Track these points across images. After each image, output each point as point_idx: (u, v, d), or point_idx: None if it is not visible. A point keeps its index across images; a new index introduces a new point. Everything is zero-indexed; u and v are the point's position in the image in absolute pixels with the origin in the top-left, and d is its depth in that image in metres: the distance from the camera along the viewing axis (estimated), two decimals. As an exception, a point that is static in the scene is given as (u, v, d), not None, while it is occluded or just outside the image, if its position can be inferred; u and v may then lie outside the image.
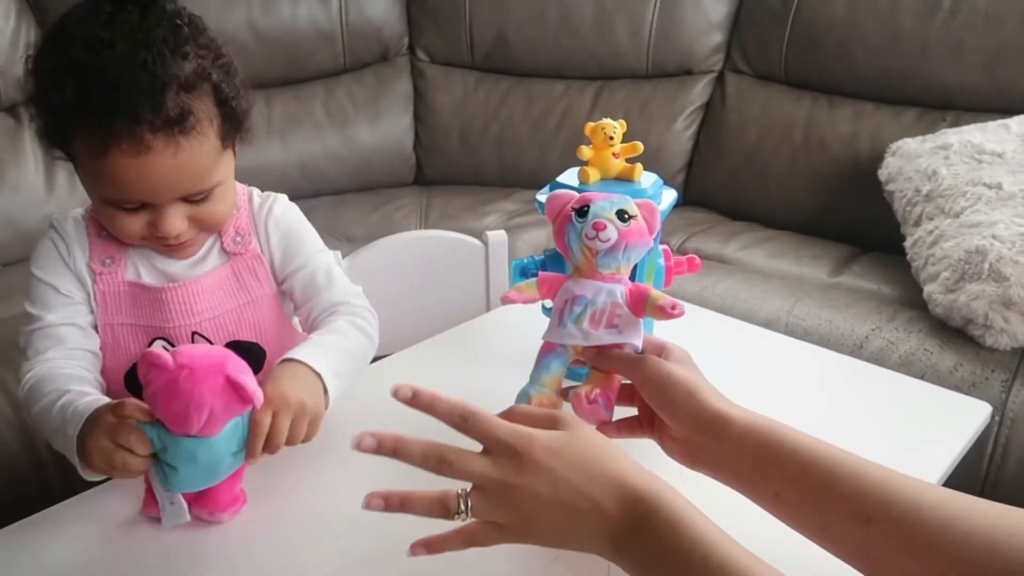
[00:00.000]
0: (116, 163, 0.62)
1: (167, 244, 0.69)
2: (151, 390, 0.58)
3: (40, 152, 1.65)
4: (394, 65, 2.04)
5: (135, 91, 0.61)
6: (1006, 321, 1.16)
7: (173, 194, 0.66)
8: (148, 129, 0.62)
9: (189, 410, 0.57)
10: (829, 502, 0.51)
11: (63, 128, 0.65)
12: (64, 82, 0.62)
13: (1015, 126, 1.43)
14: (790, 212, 1.76)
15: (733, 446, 0.55)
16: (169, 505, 0.62)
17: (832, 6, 1.73)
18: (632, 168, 0.80)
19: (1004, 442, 1.13)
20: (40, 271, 0.72)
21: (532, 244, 1.65)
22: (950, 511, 0.47)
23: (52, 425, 0.64)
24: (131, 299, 0.72)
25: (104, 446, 0.59)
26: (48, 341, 0.70)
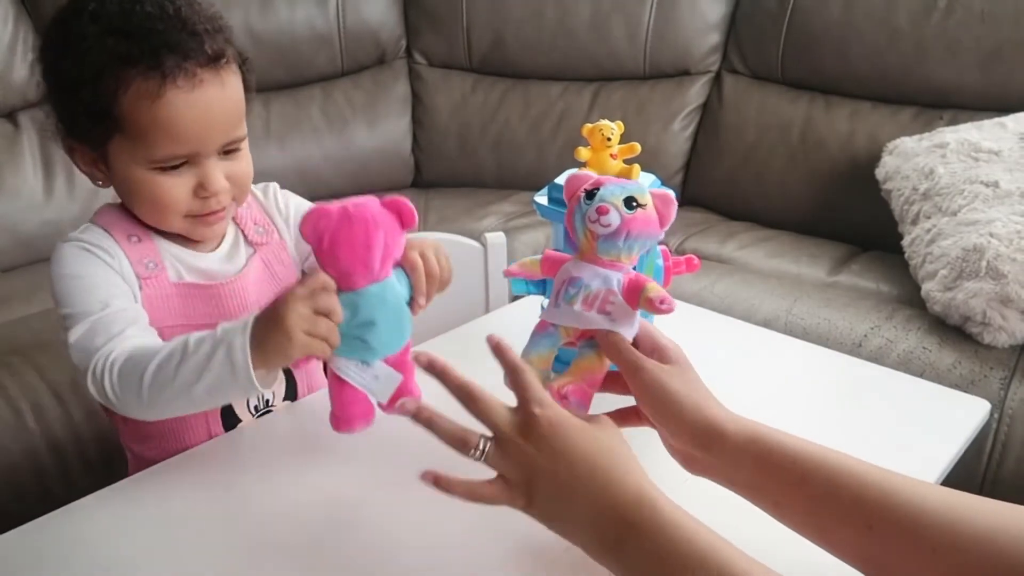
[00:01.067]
0: (173, 103, 0.64)
1: (209, 211, 0.70)
2: (328, 237, 0.61)
3: (39, 157, 1.66)
4: (391, 68, 2.04)
5: (176, 32, 0.64)
6: (1004, 318, 1.16)
7: (221, 137, 0.68)
8: (197, 64, 0.65)
9: (370, 231, 0.61)
10: (829, 511, 0.51)
11: (106, 88, 0.64)
12: (104, 40, 0.64)
13: (1011, 124, 1.43)
14: (788, 212, 1.76)
15: (729, 458, 0.55)
16: (374, 380, 0.65)
17: (828, 6, 1.74)
18: (630, 169, 0.81)
19: (1003, 439, 1.14)
20: (86, 272, 0.69)
21: (531, 246, 1.65)
22: (953, 514, 0.47)
23: (197, 355, 0.61)
24: (180, 300, 0.72)
25: (304, 313, 0.60)
26: (121, 322, 0.67)
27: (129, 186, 0.69)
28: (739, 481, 0.55)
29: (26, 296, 1.41)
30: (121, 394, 0.65)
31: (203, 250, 0.74)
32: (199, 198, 0.69)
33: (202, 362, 0.62)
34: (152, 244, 0.72)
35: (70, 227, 1.84)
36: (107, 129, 0.66)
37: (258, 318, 0.62)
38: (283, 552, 0.63)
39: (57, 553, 0.63)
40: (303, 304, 0.60)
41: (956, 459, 0.74)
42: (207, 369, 0.62)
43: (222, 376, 0.61)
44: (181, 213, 0.70)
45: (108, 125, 0.66)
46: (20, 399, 1.09)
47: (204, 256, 0.74)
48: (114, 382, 0.65)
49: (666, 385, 0.57)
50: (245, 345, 0.61)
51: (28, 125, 1.68)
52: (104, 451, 1.11)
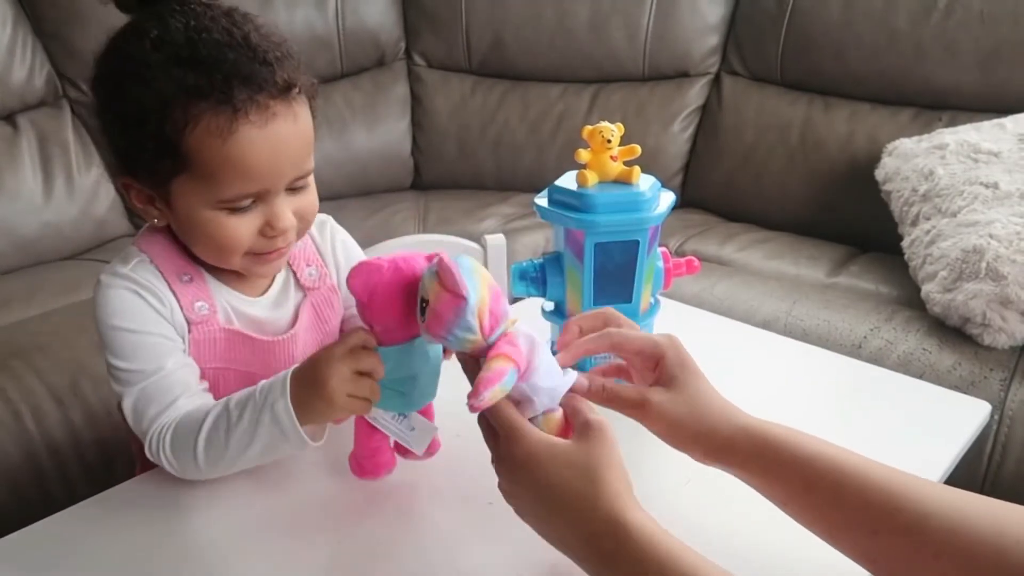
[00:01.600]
0: (245, 138, 0.60)
1: (272, 249, 0.66)
2: (381, 290, 0.60)
3: (38, 159, 1.66)
4: (391, 70, 2.04)
5: (246, 62, 0.60)
6: (1004, 320, 1.16)
7: (293, 171, 0.65)
8: (268, 96, 0.61)
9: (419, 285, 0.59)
10: (835, 516, 0.52)
11: (173, 124, 0.60)
12: (170, 70, 0.59)
13: (1011, 125, 1.43)
14: (788, 213, 1.76)
15: (738, 470, 0.56)
16: (411, 432, 0.65)
17: (827, 7, 1.74)
18: (630, 171, 0.80)
19: (1003, 441, 1.14)
20: (132, 324, 0.66)
21: (531, 247, 1.65)
22: (957, 516, 0.47)
23: (243, 422, 0.62)
24: (227, 344, 0.70)
25: (346, 375, 0.59)
26: (175, 388, 0.66)
27: (192, 226, 0.65)
28: (749, 482, 0.56)
29: (25, 299, 1.41)
30: (180, 466, 0.66)
31: (252, 294, 0.71)
32: (265, 237, 0.65)
33: (249, 428, 0.62)
34: (204, 284, 0.69)
35: (69, 229, 1.85)
36: (172, 167, 0.62)
37: (297, 377, 0.61)
38: (285, 557, 0.63)
39: (57, 556, 0.63)
40: (345, 365, 0.60)
41: (956, 461, 0.74)
42: (256, 435, 0.62)
43: (273, 439, 0.62)
44: (244, 251, 0.66)
45: (173, 163, 0.62)
46: (20, 402, 1.09)
47: (254, 302, 0.71)
48: (169, 457, 0.65)
49: (674, 415, 0.57)
50: (288, 408, 0.61)
51: (27, 127, 1.68)
52: (104, 454, 1.11)
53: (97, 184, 1.72)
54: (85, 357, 1.14)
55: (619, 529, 0.49)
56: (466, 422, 0.71)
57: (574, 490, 0.51)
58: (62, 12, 1.71)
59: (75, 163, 1.70)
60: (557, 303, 0.86)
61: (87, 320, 0.68)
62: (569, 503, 0.51)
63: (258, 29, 0.63)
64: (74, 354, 1.16)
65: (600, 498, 0.50)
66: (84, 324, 1.25)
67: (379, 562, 0.62)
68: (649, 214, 0.79)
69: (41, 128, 1.69)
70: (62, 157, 1.69)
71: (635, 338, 0.60)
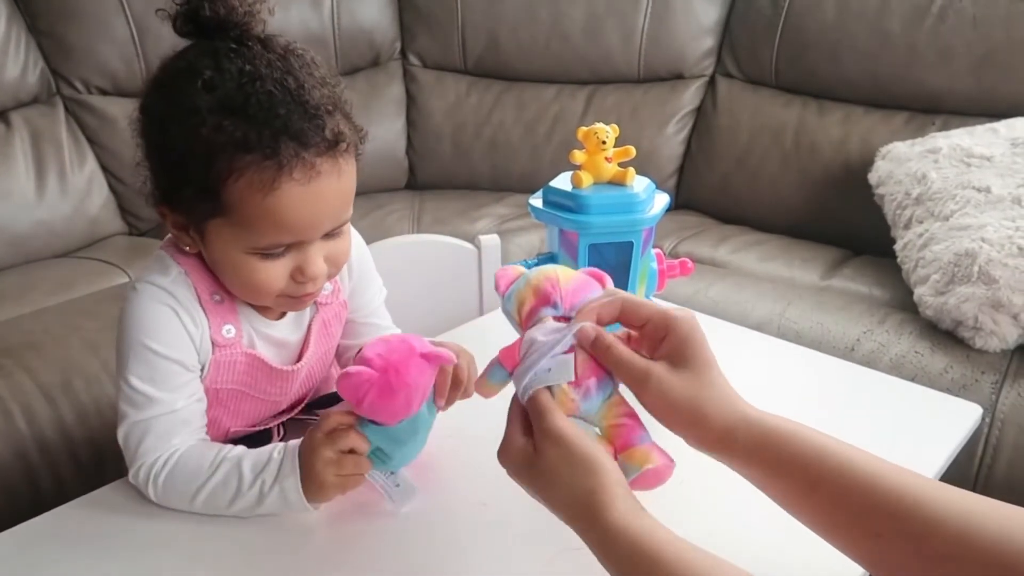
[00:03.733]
0: (287, 195, 0.59)
1: (304, 293, 0.66)
2: (368, 401, 0.61)
3: (31, 157, 1.65)
4: (386, 70, 2.04)
5: (296, 117, 0.59)
6: (996, 323, 1.17)
7: (331, 224, 0.64)
8: (315, 153, 0.60)
9: (411, 398, 0.62)
10: (838, 516, 0.50)
11: (217, 172, 0.59)
12: (220, 119, 0.58)
13: (1003, 130, 1.44)
14: (781, 215, 1.77)
15: (736, 462, 0.54)
16: (395, 488, 0.66)
17: (822, 11, 1.75)
18: (624, 172, 0.81)
19: (995, 443, 1.14)
20: (163, 346, 0.65)
21: (525, 248, 1.65)
22: (963, 521, 0.46)
23: (253, 490, 0.64)
24: (246, 369, 0.70)
25: (329, 458, 0.62)
26: (176, 427, 0.66)
27: (224, 266, 0.65)
28: (747, 476, 0.54)
29: (17, 297, 1.40)
30: (165, 502, 0.67)
31: (273, 316, 0.71)
32: (296, 282, 0.65)
33: (257, 496, 0.64)
34: (233, 306, 0.69)
35: (62, 227, 1.85)
36: (210, 210, 0.61)
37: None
38: (276, 554, 0.63)
39: (47, 555, 0.63)
40: (326, 448, 0.62)
41: (948, 463, 0.74)
42: (263, 502, 0.64)
43: (278, 506, 0.65)
44: (275, 295, 0.66)
45: (212, 207, 0.61)
46: (10, 401, 1.08)
47: (275, 324, 0.71)
48: (158, 492, 0.66)
49: (672, 394, 0.54)
50: (298, 487, 0.63)
51: (20, 125, 1.67)
52: (95, 453, 1.10)
53: (90, 182, 1.72)
54: (77, 355, 1.14)
55: (601, 531, 0.49)
56: (459, 423, 0.71)
57: (555, 499, 0.52)
58: (56, 9, 1.70)
59: (68, 161, 1.70)
60: (551, 304, 0.86)
61: (79, 318, 0.68)
62: (557, 509, 0.52)
63: (313, 75, 0.62)
64: (66, 352, 1.15)
65: (576, 504, 0.50)
66: (76, 322, 1.25)
67: (371, 562, 0.62)
68: (643, 216, 0.79)
69: (34, 125, 1.68)
70: (55, 155, 1.68)
71: (645, 307, 0.57)
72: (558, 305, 0.59)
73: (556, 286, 0.59)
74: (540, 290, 0.59)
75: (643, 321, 0.56)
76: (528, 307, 0.59)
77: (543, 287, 0.59)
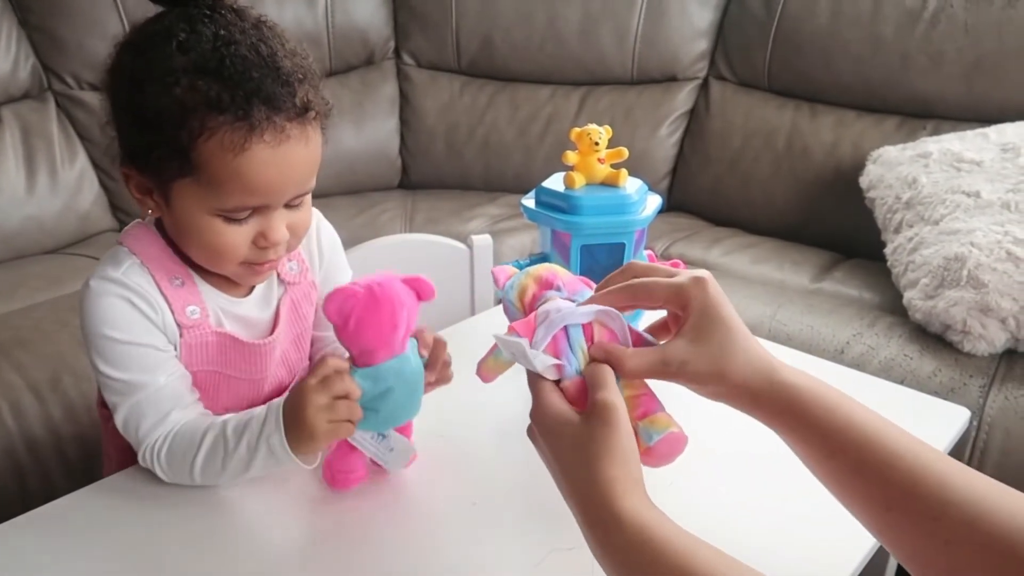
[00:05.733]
0: (257, 157, 0.61)
1: (265, 260, 0.67)
2: (355, 316, 0.61)
3: (21, 152, 1.64)
4: (380, 68, 2.04)
5: (269, 81, 0.61)
6: (984, 327, 1.17)
7: (295, 190, 0.66)
8: (286, 118, 0.61)
9: (396, 314, 0.62)
10: (853, 486, 0.51)
11: (188, 131, 0.60)
12: (194, 79, 0.59)
13: (993, 135, 1.45)
14: (773, 218, 1.77)
15: (766, 421, 0.54)
16: (389, 452, 0.66)
17: (815, 15, 1.75)
18: (617, 174, 0.81)
19: (982, 447, 1.15)
20: (123, 333, 0.66)
21: (517, 248, 1.66)
22: (974, 507, 0.46)
23: (240, 451, 0.64)
24: (218, 349, 0.70)
25: (322, 404, 0.61)
26: (167, 403, 0.67)
27: (187, 229, 0.65)
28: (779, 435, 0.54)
29: (6, 293, 1.40)
30: (173, 478, 0.68)
31: (239, 295, 0.72)
32: (258, 247, 0.66)
33: (247, 457, 0.64)
34: (194, 287, 0.69)
35: (52, 223, 1.84)
36: (178, 170, 0.62)
37: (284, 411, 0.63)
38: (267, 554, 0.63)
39: (36, 552, 0.63)
40: (319, 394, 0.61)
41: (936, 466, 0.75)
42: (252, 463, 0.64)
43: (268, 466, 0.65)
44: (238, 261, 0.66)
45: (181, 166, 0.62)
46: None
47: (241, 302, 0.72)
48: (164, 470, 0.67)
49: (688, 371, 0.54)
50: (283, 442, 0.62)
51: (10, 120, 1.66)
52: (83, 450, 1.10)
53: (81, 178, 1.71)
54: (66, 352, 1.13)
55: (612, 517, 0.48)
56: (449, 422, 0.71)
57: (573, 472, 0.51)
58: (48, 4, 1.69)
59: (59, 157, 1.69)
60: (543, 304, 0.86)
61: (69, 315, 0.68)
62: (569, 484, 0.51)
63: (284, 45, 0.63)
64: (55, 349, 1.15)
65: (595, 485, 0.49)
66: (66, 319, 1.24)
67: (363, 562, 0.62)
68: (635, 217, 0.80)
69: (25, 121, 1.67)
70: (46, 150, 1.67)
71: (658, 288, 0.56)
72: (561, 289, 0.60)
73: (556, 275, 0.61)
74: (541, 278, 0.61)
75: (659, 302, 0.57)
76: (531, 293, 0.60)
77: (544, 275, 0.61)
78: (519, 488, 0.69)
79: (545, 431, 0.53)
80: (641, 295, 0.57)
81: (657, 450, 0.53)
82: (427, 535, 0.65)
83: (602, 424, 0.51)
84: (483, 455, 0.72)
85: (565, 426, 0.52)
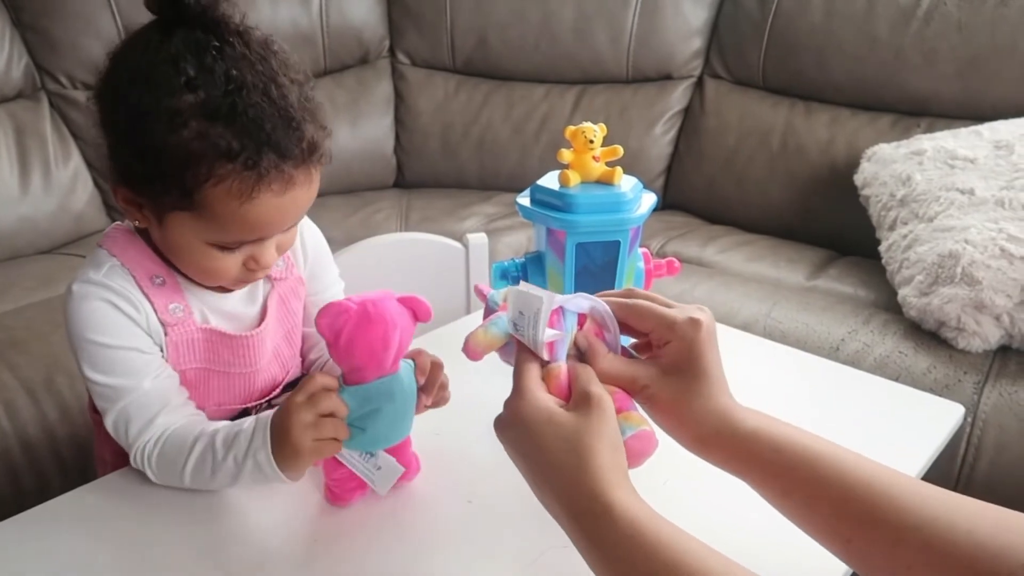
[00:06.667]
0: (262, 205, 0.61)
1: (253, 279, 0.68)
2: (345, 335, 0.60)
3: (14, 152, 1.63)
4: (375, 67, 2.04)
5: (278, 129, 0.60)
6: (978, 324, 1.18)
7: (292, 223, 0.66)
8: (293, 164, 0.61)
9: (389, 335, 0.60)
10: (812, 523, 0.52)
11: (194, 175, 0.59)
12: (204, 124, 0.58)
13: (987, 133, 1.45)
14: (768, 216, 1.78)
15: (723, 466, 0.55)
16: (376, 471, 0.64)
17: (809, 14, 1.76)
18: (612, 172, 0.81)
19: (976, 443, 1.15)
20: (108, 337, 0.65)
21: (513, 247, 1.66)
22: (932, 528, 0.46)
23: (228, 464, 0.63)
24: (205, 345, 0.70)
25: (308, 422, 0.60)
26: (153, 406, 0.67)
27: (179, 250, 0.66)
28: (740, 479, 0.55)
29: (0, 293, 1.39)
30: (164, 482, 0.68)
31: (223, 291, 0.72)
32: (247, 268, 0.66)
33: (234, 470, 0.64)
34: (176, 285, 0.69)
35: (46, 223, 1.83)
36: (177, 203, 0.61)
37: (272, 427, 0.63)
38: (261, 555, 0.63)
39: (30, 553, 0.62)
40: (305, 412, 0.61)
41: (931, 462, 0.75)
42: (240, 476, 0.64)
43: (256, 479, 0.64)
44: (227, 281, 0.67)
45: (181, 202, 0.61)
46: (-7, 397, 1.08)
47: (226, 298, 0.71)
48: (155, 473, 0.67)
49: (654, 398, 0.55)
50: (270, 459, 0.62)
51: (4, 119, 1.65)
52: (78, 451, 1.10)
53: (75, 178, 1.70)
54: (60, 352, 1.13)
55: (602, 508, 0.48)
56: (446, 420, 0.71)
57: (560, 463, 0.50)
58: (41, 3, 1.69)
59: (53, 156, 1.68)
60: (538, 302, 0.86)
61: (63, 315, 0.67)
62: (556, 476, 0.50)
63: (288, 74, 0.62)
64: (49, 349, 1.14)
65: (585, 474, 0.49)
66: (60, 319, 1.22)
67: (359, 559, 0.62)
68: (630, 215, 0.80)
69: (18, 120, 1.67)
70: (39, 150, 1.67)
71: (650, 314, 0.57)
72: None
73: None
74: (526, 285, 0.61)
75: (648, 328, 0.57)
76: None
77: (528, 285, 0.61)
78: (515, 486, 0.69)
79: (528, 421, 0.52)
80: (632, 315, 0.57)
81: (630, 446, 0.53)
82: (423, 533, 0.65)
83: (594, 414, 0.51)
84: (479, 453, 0.72)
85: (551, 416, 0.52)
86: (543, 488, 0.52)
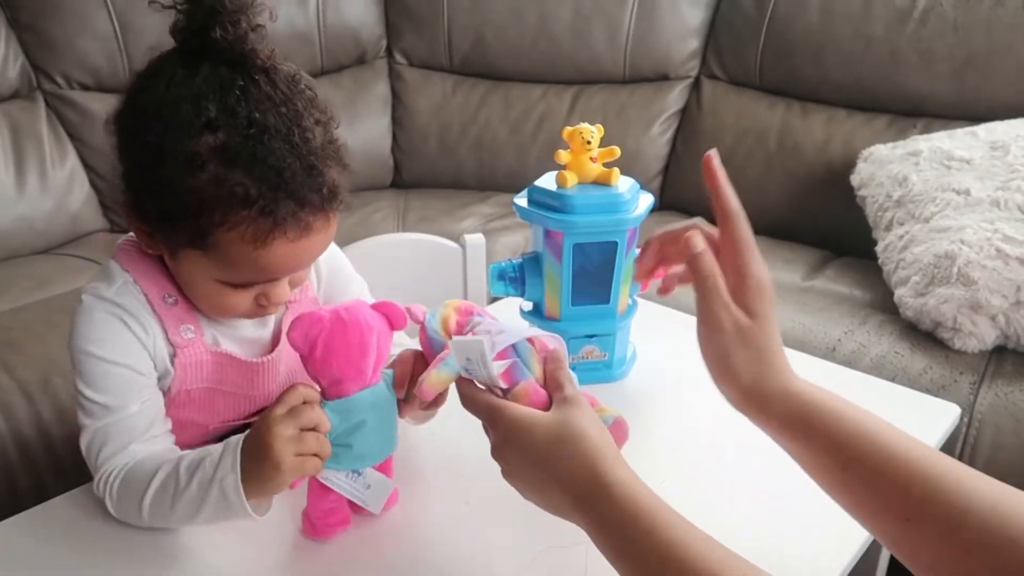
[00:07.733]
0: (277, 251, 0.59)
1: (265, 314, 0.67)
2: (321, 344, 0.59)
3: (11, 152, 1.63)
4: (372, 68, 2.03)
5: (298, 175, 0.58)
6: (974, 324, 1.18)
7: (307, 265, 0.65)
8: (310, 212, 0.59)
9: (365, 336, 0.60)
10: (869, 499, 0.50)
11: (210, 219, 0.57)
12: (221, 171, 0.56)
13: (983, 133, 1.45)
14: (764, 217, 1.77)
15: (773, 433, 0.54)
16: (367, 490, 0.62)
17: (806, 14, 1.76)
18: (609, 172, 0.81)
19: (972, 443, 1.15)
20: (107, 351, 0.64)
21: (510, 247, 1.66)
22: (995, 512, 0.46)
23: (191, 491, 0.60)
24: (214, 367, 0.68)
25: (289, 435, 0.57)
26: (132, 432, 0.64)
27: (190, 284, 0.64)
28: (784, 447, 0.54)
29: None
30: (122, 515, 0.65)
31: None
32: (259, 305, 0.65)
33: (197, 498, 0.60)
34: (188, 305, 0.67)
35: (42, 224, 1.82)
36: (190, 243, 0.60)
37: (245, 447, 0.60)
38: (258, 555, 0.63)
39: (26, 554, 0.62)
40: (285, 425, 0.58)
41: (926, 462, 0.75)
42: (203, 507, 0.60)
43: (219, 512, 0.60)
44: (238, 315, 0.66)
45: (193, 241, 0.59)
46: (-11, 398, 1.07)
47: (238, 323, 0.69)
48: (114, 502, 0.64)
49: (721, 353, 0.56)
50: (238, 485, 0.59)
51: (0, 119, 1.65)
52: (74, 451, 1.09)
53: (71, 178, 1.70)
54: (57, 353, 1.13)
55: (602, 487, 0.49)
56: (440, 422, 0.71)
57: (556, 454, 0.52)
58: (38, 3, 1.68)
59: (49, 156, 1.68)
60: (535, 303, 0.86)
61: (59, 316, 0.67)
62: (554, 468, 0.52)
63: (312, 114, 0.60)
64: (46, 350, 1.14)
65: (582, 458, 0.51)
66: (56, 320, 1.23)
67: (357, 559, 0.62)
68: (628, 215, 0.80)
69: (14, 120, 1.66)
70: (36, 150, 1.66)
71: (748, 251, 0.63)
72: (483, 316, 0.62)
73: (473, 305, 0.63)
74: (460, 307, 0.63)
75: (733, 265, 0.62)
76: (454, 321, 0.62)
77: (462, 306, 0.63)
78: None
79: (517, 435, 0.54)
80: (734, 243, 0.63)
81: (611, 433, 0.56)
82: (421, 533, 0.65)
83: (574, 407, 0.54)
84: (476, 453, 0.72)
85: (534, 420, 0.54)
86: (546, 488, 0.52)
